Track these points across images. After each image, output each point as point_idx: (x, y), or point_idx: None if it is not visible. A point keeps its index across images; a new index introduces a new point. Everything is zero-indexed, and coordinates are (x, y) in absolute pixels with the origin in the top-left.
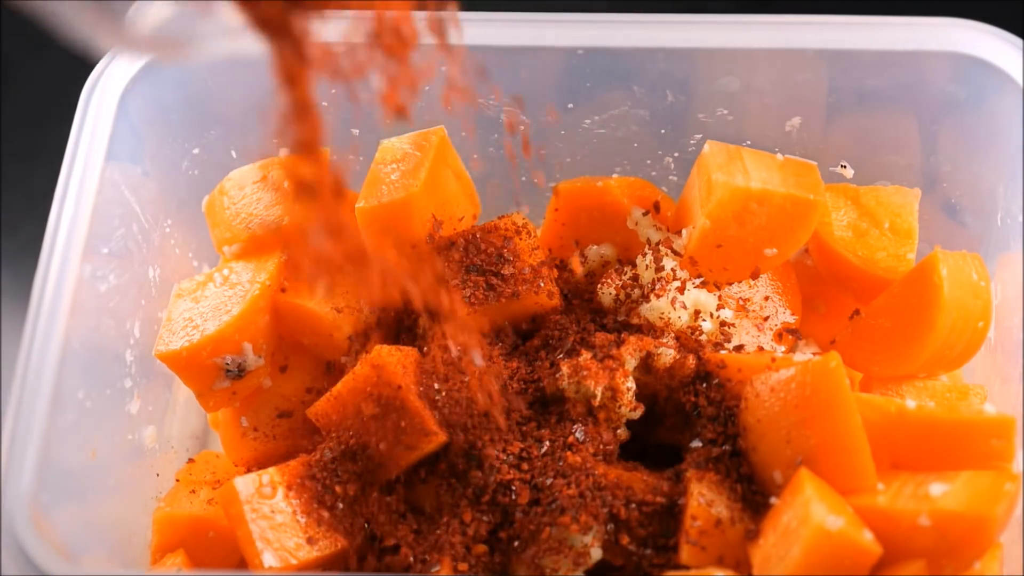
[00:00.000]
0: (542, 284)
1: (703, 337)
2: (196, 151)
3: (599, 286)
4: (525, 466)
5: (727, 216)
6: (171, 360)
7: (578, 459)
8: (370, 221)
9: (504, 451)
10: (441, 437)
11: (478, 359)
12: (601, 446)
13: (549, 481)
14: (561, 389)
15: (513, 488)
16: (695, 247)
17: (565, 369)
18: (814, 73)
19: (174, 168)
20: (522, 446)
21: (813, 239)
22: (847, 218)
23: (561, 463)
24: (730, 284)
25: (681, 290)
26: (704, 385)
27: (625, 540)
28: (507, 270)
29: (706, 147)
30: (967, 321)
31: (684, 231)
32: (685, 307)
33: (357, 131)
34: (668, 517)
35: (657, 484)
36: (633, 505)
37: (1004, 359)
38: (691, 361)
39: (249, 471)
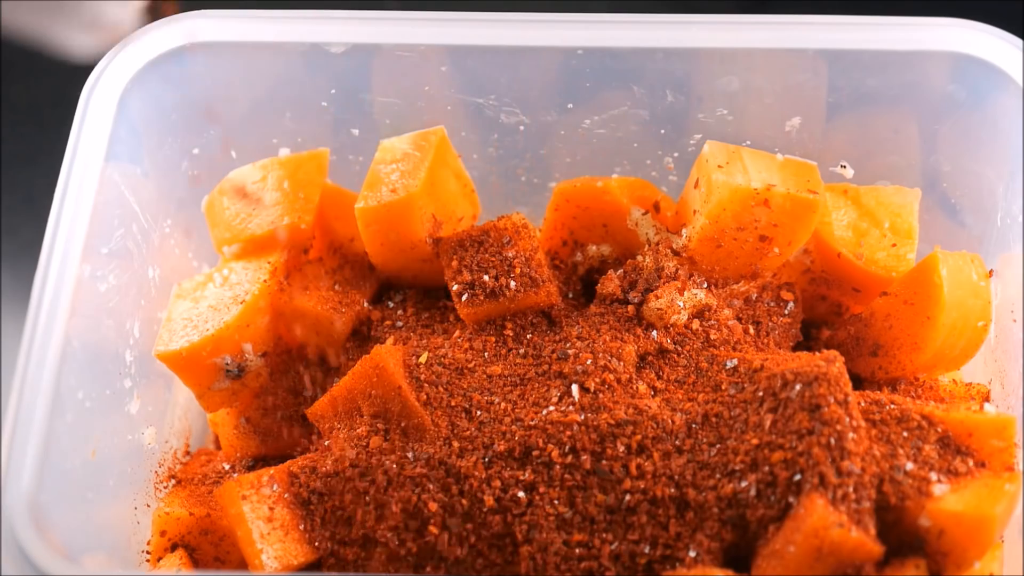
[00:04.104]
0: (542, 284)
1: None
2: (196, 151)
3: (598, 286)
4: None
5: (727, 216)
6: (171, 360)
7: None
8: (370, 221)
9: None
10: (440, 437)
11: None
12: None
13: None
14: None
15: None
16: (695, 247)
17: (565, 370)
18: (814, 73)
19: (174, 168)
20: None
21: (813, 239)
22: (847, 218)
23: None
24: (730, 284)
25: (681, 290)
26: None
27: (627, 536)
28: (506, 270)
29: (706, 147)
30: (967, 321)
31: (684, 231)
32: (684, 307)
33: (357, 131)
34: (671, 514)
35: None
36: (636, 500)
37: (1004, 359)
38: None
39: (249, 471)
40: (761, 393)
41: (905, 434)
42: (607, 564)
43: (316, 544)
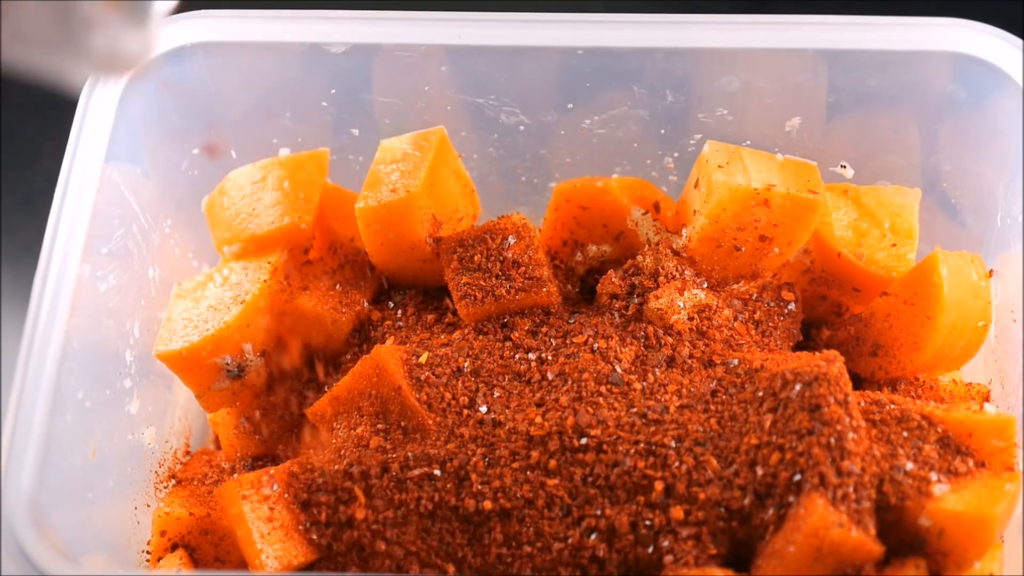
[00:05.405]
0: (542, 284)
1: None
2: (196, 151)
3: (598, 286)
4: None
5: (727, 216)
6: (171, 360)
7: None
8: (370, 221)
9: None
10: (441, 437)
11: None
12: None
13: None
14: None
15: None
16: (695, 247)
17: (566, 370)
18: (814, 73)
19: (174, 168)
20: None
21: (813, 239)
22: (847, 218)
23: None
24: (730, 284)
25: (681, 290)
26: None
27: (628, 536)
28: (506, 270)
29: (706, 147)
30: (967, 321)
31: (684, 231)
32: (684, 307)
33: (357, 131)
34: (672, 514)
35: None
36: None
37: (1004, 359)
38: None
39: (249, 471)
40: (761, 393)
41: (905, 434)
42: (608, 563)
43: (316, 544)
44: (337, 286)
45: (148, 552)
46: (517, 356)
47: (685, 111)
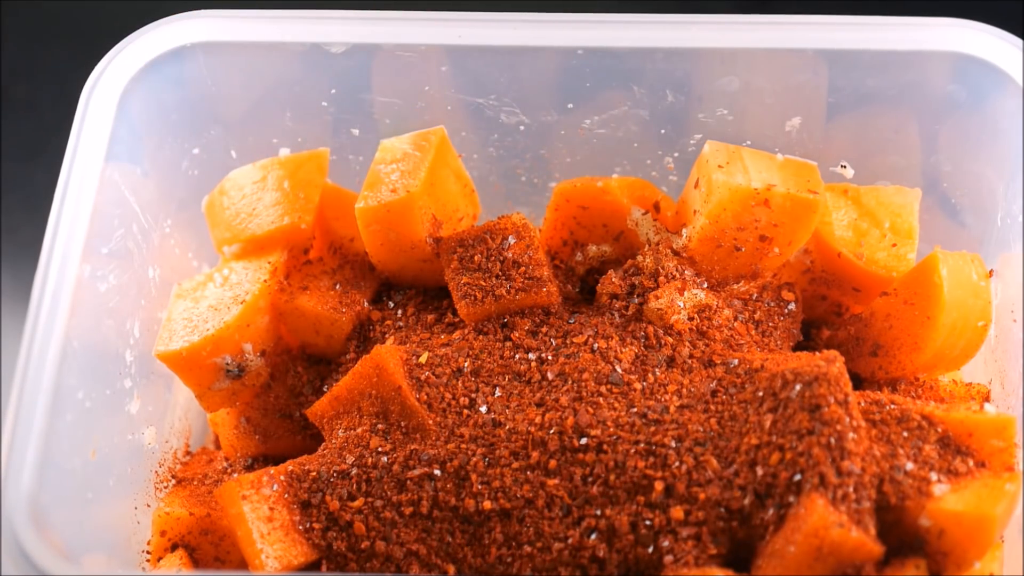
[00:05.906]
0: (542, 284)
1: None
2: (196, 151)
3: (598, 286)
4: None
5: (727, 216)
6: (171, 360)
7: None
8: (370, 221)
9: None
10: (441, 437)
11: None
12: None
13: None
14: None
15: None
16: (695, 247)
17: (566, 370)
18: (814, 73)
19: (174, 168)
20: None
21: (813, 239)
22: (847, 218)
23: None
24: (730, 284)
25: (681, 290)
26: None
27: (628, 535)
28: (506, 270)
29: (706, 147)
30: (967, 321)
31: (684, 231)
32: (684, 307)
33: (357, 131)
34: (672, 514)
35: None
36: (636, 499)
37: (1004, 359)
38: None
39: (249, 471)
40: (761, 393)
41: (905, 434)
42: (608, 563)
43: (316, 544)
44: (337, 286)
45: (148, 552)
46: (517, 356)
47: (685, 111)
